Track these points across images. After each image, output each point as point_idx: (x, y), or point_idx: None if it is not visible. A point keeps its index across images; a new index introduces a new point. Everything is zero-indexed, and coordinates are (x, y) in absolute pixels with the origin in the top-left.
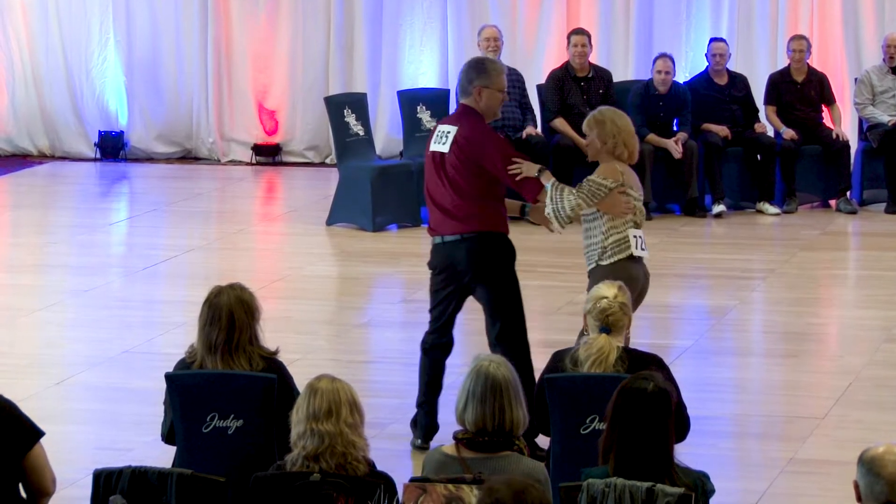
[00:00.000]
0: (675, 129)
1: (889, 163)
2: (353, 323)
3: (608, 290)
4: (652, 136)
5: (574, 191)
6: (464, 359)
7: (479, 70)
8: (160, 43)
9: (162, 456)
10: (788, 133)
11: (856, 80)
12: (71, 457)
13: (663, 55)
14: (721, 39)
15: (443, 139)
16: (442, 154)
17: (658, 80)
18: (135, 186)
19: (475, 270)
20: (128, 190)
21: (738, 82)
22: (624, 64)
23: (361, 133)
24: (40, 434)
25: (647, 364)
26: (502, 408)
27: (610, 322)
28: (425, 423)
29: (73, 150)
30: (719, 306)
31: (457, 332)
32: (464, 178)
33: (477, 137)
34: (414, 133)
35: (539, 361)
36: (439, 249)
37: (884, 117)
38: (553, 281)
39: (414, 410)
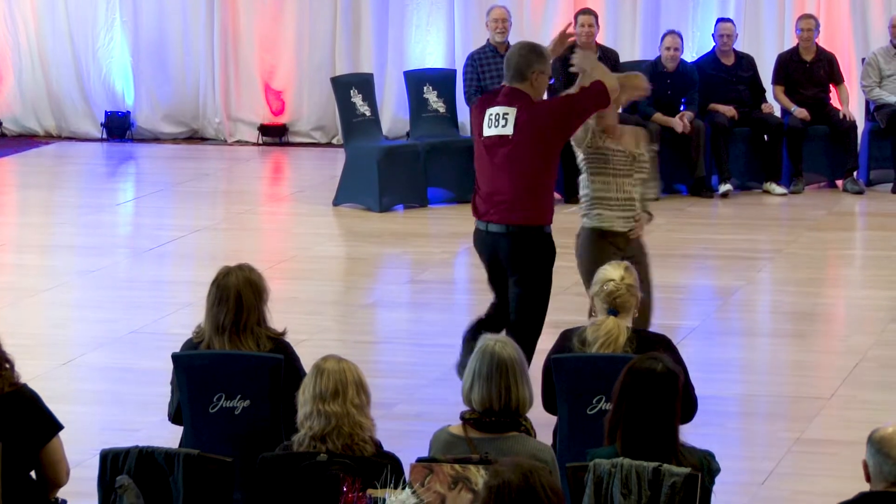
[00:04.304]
0: (681, 108)
1: (894, 143)
2: (360, 303)
3: (615, 271)
4: (658, 115)
5: None
6: None
7: (539, 54)
8: (166, 23)
9: (169, 436)
10: (801, 112)
11: (863, 60)
12: (78, 437)
13: (672, 32)
14: (728, 20)
15: (500, 122)
16: (499, 137)
17: (666, 56)
18: (141, 167)
19: (514, 265)
20: (134, 170)
21: (745, 63)
22: (631, 44)
23: (368, 113)
24: (59, 427)
25: (655, 345)
26: (508, 387)
27: (617, 304)
28: None
29: (79, 130)
30: (726, 286)
31: (460, 314)
32: (523, 159)
33: (543, 103)
34: (420, 113)
35: (547, 342)
36: (482, 236)
37: (891, 98)
38: (561, 261)
39: (418, 391)
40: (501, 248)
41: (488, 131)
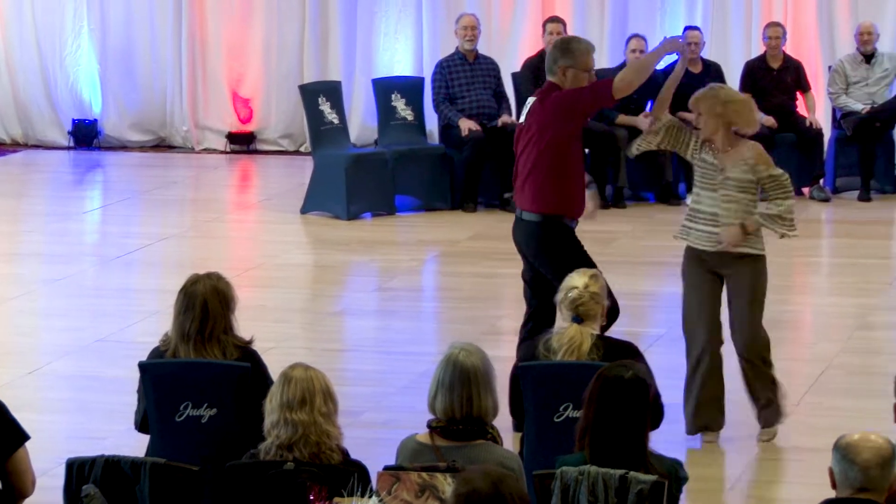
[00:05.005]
0: (647, 110)
1: (862, 151)
2: (328, 311)
3: (579, 279)
4: (622, 117)
5: None
6: (438, 347)
7: (563, 50)
8: (134, 31)
9: (135, 445)
10: (768, 120)
11: (829, 68)
12: (44, 446)
13: (636, 35)
14: (695, 28)
15: (525, 110)
16: (520, 125)
17: (632, 59)
18: (108, 175)
19: (525, 252)
20: (101, 178)
21: (713, 70)
22: (598, 52)
23: (336, 121)
24: (26, 437)
25: (622, 352)
26: (470, 396)
27: (580, 312)
28: None
29: (46, 138)
30: None
31: (428, 322)
32: (530, 147)
33: (557, 94)
34: (389, 121)
35: (513, 350)
36: (515, 223)
37: (857, 105)
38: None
39: (386, 399)
40: (519, 236)
41: (520, 119)
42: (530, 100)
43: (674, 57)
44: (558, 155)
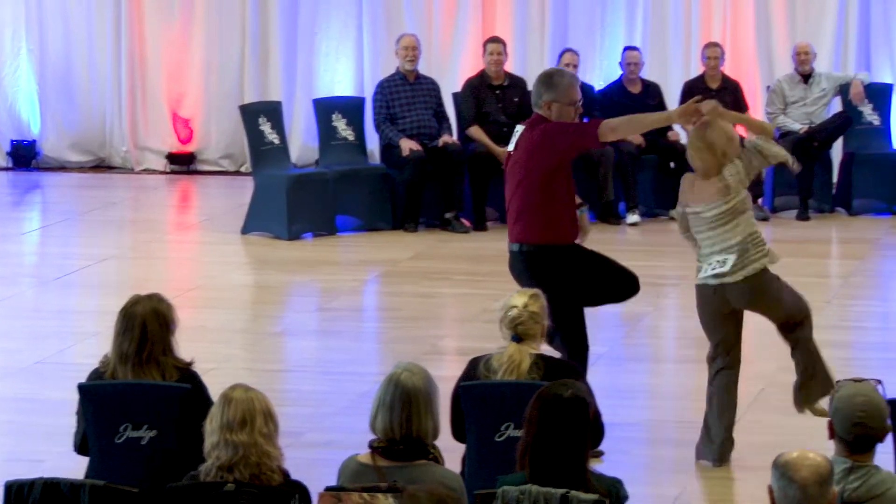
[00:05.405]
0: None
1: (801, 170)
2: (269, 332)
3: (519, 298)
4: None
5: None
6: (380, 367)
7: (547, 85)
8: (73, 52)
9: (75, 467)
10: None
11: (768, 88)
12: None
13: (569, 50)
14: (635, 48)
15: (513, 139)
16: (509, 155)
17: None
18: (47, 196)
19: (525, 286)
20: (40, 199)
21: (652, 90)
22: (539, 72)
23: (277, 141)
24: None
25: (562, 371)
26: (409, 417)
27: (520, 331)
28: None
29: None
30: (633, 313)
31: (369, 342)
32: (516, 176)
33: (545, 125)
34: (329, 141)
35: (455, 369)
36: (510, 256)
37: (795, 125)
38: (469, 289)
39: (327, 419)
40: (516, 270)
41: (510, 147)
42: (519, 127)
43: (615, 77)
44: (544, 185)
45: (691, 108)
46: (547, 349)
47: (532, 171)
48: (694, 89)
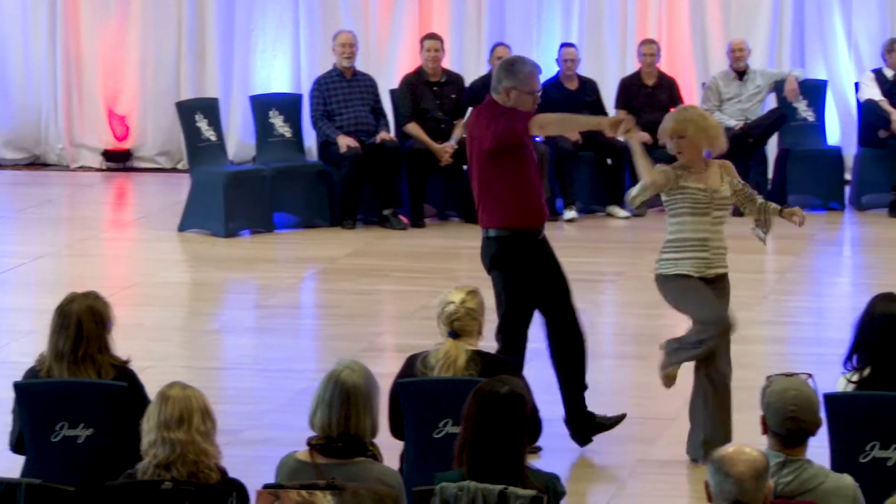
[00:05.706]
0: None
1: (736, 167)
2: (205, 329)
3: (456, 294)
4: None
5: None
6: (317, 364)
7: (508, 71)
8: (7, 48)
9: (11, 466)
10: (643, 136)
11: (703, 84)
12: None
13: (501, 44)
14: (571, 45)
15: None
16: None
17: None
18: None
19: (485, 267)
20: None
21: (588, 87)
22: (476, 68)
23: (213, 138)
24: None
25: (499, 367)
26: (348, 415)
27: (456, 327)
28: None
29: None
30: None
31: (306, 339)
32: (470, 161)
33: (484, 111)
34: (266, 138)
35: (393, 366)
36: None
37: (730, 122)
38: (407, 286)
39: (265, 417)
40: (482, 254)
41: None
42: (469, 109)
43: (552, 73)
44: (498, 169)
45: (618, 120)
46: (484, 345)
47: (479, 157)
48: (630, 86)
